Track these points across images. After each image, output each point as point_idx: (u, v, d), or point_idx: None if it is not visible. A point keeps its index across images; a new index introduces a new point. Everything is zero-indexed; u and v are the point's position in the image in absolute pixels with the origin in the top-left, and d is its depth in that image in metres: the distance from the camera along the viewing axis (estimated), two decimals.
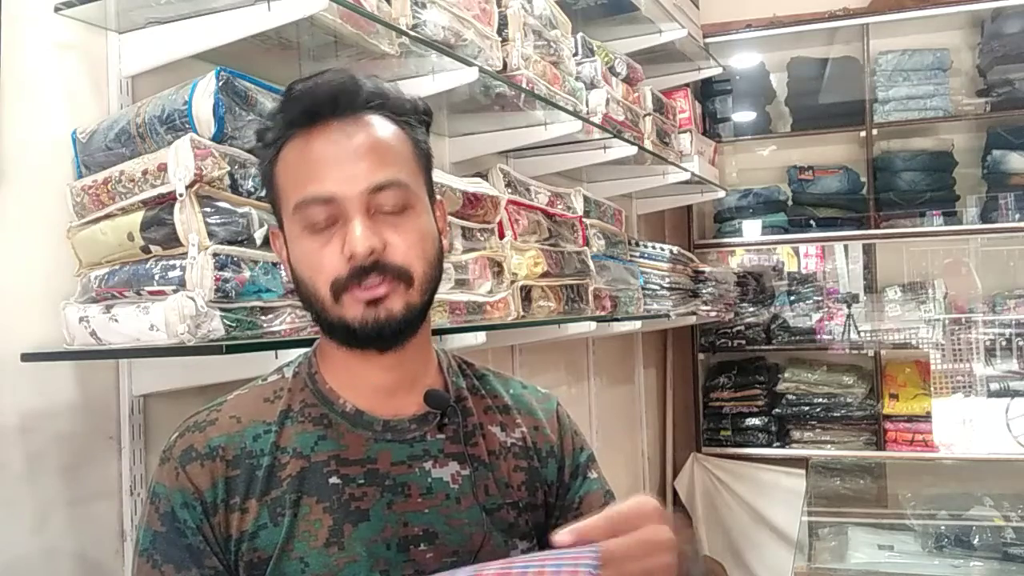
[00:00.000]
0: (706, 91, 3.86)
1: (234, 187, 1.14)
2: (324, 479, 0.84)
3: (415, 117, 0.89)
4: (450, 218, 1.55)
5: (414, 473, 0.86)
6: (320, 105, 0.83)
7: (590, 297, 2.05)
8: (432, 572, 0.83)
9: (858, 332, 3.74)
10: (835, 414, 3.62)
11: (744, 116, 3.92)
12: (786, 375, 3.74)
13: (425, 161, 0.90)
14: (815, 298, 3.93)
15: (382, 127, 0.84)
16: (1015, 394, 3.36)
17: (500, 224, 1.73)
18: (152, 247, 1.15)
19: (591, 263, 2.08)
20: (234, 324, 1.11)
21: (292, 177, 0.83)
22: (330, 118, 0.83)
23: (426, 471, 0.87)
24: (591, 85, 2.22)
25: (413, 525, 0.85)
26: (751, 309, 3.78)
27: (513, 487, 0.93)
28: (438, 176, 1.44)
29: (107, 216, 1.20)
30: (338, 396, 0.88)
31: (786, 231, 3.84)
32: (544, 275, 1.84)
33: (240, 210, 1.13)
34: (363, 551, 0.82)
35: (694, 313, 2.93)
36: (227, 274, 1.10)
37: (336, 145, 0.82)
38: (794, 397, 3.69)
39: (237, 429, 0.85)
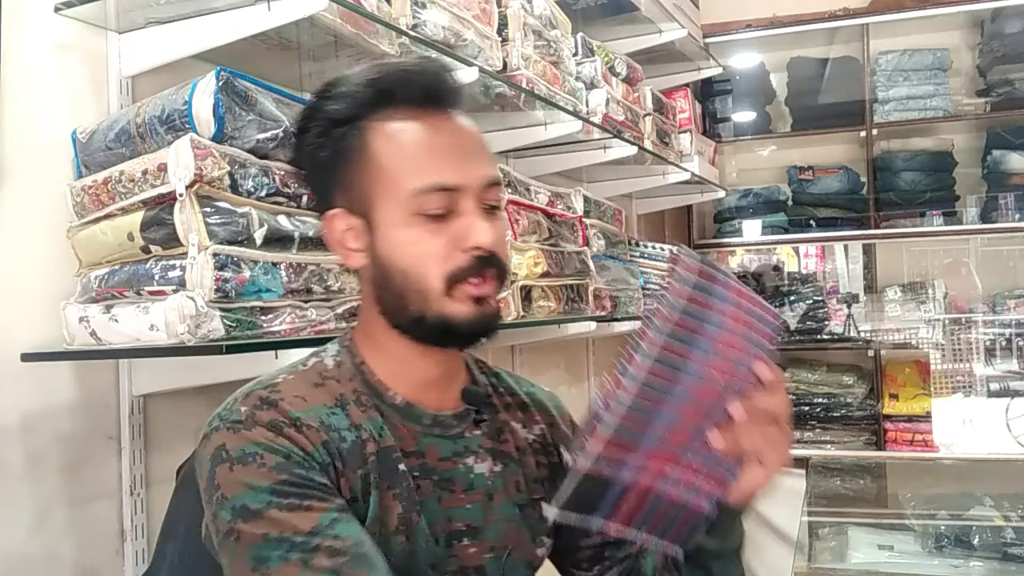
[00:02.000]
0: (706, 91, 3.86)
1: (234, 187, 1.14)
2: (394, 465, 0.82)
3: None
4: None
5: (458, 469, 0.87)
6: (442, 92, 0.83)
7: (590, 297, 2.05)
8: (474, 567, 0.85)
9: (858, 332, 3.74)
10: (835, 414, 3.61)
11: (744, 116, 3.91)
12: (786, 375, 3.72)
13: None
14: (815, 298, 3.92)
15: (473, 125, 0.86)
16: (1015, 394, 3.36)
17: None
18: (152, 247, 1.15)
19: (591, 263, 2.08)
20: (234, 324, 1.10)
21: (408, 160, 0.80)
22: (446, 108, 0.83)
23: (469, 467, 0.88)
24: (591, 85, 2.22)
25: (456, 520, 0.85)
26: None
27: (539, 483, 0.94)
28: None
29: (107, 216, 1.20)
30: (387, 388, 0.86)
31: (786, 231, 3.84)
32: (544, 275, 1.84)
33: (240, 210, 1.13)
34: (422, 543, 0.82)
35: None
36: (227, 274, 1.09)
37: (459, 137, 0.83)
38: (794, 397, 3.68)
39: (306, 407, 0.80)
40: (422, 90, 0.82)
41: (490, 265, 0.81)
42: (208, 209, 1.11)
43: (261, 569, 0.70)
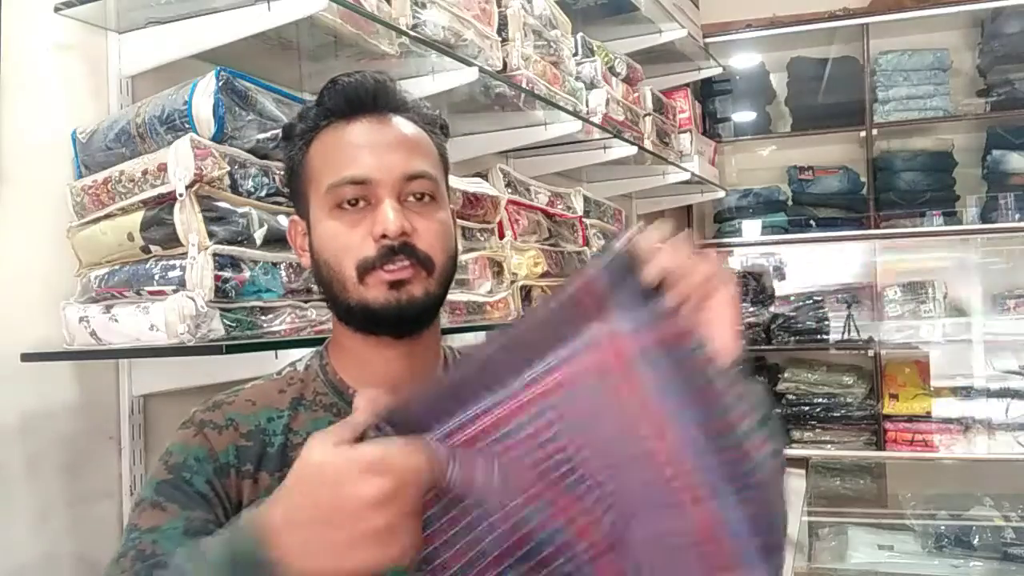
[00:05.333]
0: (706, 91, 3.86)
1: (234, 187, 1.14)
2: None
3: (438, 128, 0.94)
4: None
5: None
6: (362, 98, 0.88)
7: None
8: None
9: (858, 332, 3.74)
10: (835, 414, 3.61)
11: (744, 116, 3.92)
12: (786, 375, 3.73)
13: (445, 167, 0.94)
14: (815, 298, 3.92)
15: (413, 127, 0.90)
16: (1015, 394, 3.36)
17: (500, 224, 1.73)
18: (152, 247, 1.15)
19: None
20: (234, 324, 1.11)
21: (327, 160, 0.87)
22: (369, 112, 0.88)
23: None
24: (591, 85, 2.22)
25: None
26: (751, 309, 3.78)
27: None
28: None
29: (107, 216, 1.20)
30: (348, 386, 0.90)
31: (786, 231, 3.84)
32: (544, 275, 1.84)
33: (240, 210, 1.13)
34: None
35: None
36: (227, 274, 1.10)
37: (374, 134, 0.87)
38: (794, 397, 3.68)
39: (252, 410, 0.88)
40: (346, 98, 0.87)
41: (398, 253, 0.84)
42: (208, 209, 1.11)
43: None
